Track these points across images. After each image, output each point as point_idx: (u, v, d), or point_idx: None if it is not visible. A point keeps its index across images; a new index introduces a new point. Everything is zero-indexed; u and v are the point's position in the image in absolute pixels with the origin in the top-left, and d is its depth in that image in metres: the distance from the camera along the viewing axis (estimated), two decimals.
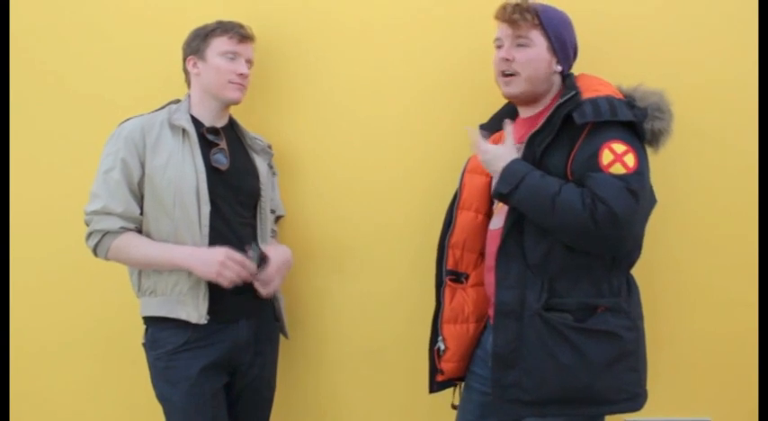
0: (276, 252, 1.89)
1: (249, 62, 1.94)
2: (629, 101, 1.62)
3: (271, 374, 2.01)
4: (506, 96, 1.74)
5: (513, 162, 1.60)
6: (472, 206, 1.80)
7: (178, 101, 1.93)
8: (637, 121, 1.58)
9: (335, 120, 2.13)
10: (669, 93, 1.66)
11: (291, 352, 2.14)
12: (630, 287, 1.67)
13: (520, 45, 1.67)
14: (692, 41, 2.03)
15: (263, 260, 1.81)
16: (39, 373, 2.22)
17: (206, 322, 1.78)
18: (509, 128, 1.67)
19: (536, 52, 1.66)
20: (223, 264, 1.73)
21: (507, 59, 1.67)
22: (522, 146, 1.66)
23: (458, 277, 1.81)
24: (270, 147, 2.05)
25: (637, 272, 1.74)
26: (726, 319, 2.05)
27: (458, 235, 1.80)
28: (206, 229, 1.80)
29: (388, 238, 2.12)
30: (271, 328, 1.99)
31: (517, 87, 1.69)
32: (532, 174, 1.57)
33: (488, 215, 1.80)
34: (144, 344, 1.86)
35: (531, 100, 1.72)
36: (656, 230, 1.80)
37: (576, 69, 1.76)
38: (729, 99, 2.02)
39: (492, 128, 1.86)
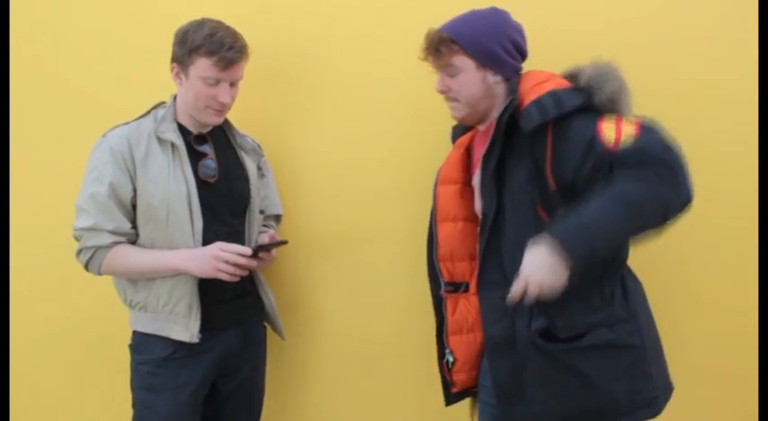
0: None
1: (235, 84, 1.80)
2: (576, 85, 1.52)
3: (260, 379, 1.98)
4: (456, 120, 1.71)
5: (547, 237, 1.40)
6: (449, 215, 1.75)
7: (163, 103, 1.86)
8: (586, 104, 1.49)
9: (334, 121, 2.11)
10: (670, 93, 1.59)
11: (286, 359, 2.14)
12: (626, 286, 1.59)
13: (449, 74, 1.63)
14: (691, 42, 1.94)
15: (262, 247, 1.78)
16: (39, 372, 2.29)
17: (197, 341, 1.75)
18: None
19: (466, 76, 1.61)
20: (217, 257, 1.69)
21: (443, 91, 1.65)
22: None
23: (456, 288, 1.76)
24: (259, 147, 1.98)
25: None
26: (725, 322, 1.99)
27: (443, 248, 1.76)
28: (199, 245, 1.75)
29: (386, 241, 2.10)
30: (259, 334, 1.97)
31: (460, 112, 1.66)
32: (570, 217, 1.40)
33: (468, 219, 1.75)
34: (130, 346, 1.84)
35: (479, 120, 1.68)
36: None
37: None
38: (729, 98, 1.93)
39: (462, 130, 1.83)
